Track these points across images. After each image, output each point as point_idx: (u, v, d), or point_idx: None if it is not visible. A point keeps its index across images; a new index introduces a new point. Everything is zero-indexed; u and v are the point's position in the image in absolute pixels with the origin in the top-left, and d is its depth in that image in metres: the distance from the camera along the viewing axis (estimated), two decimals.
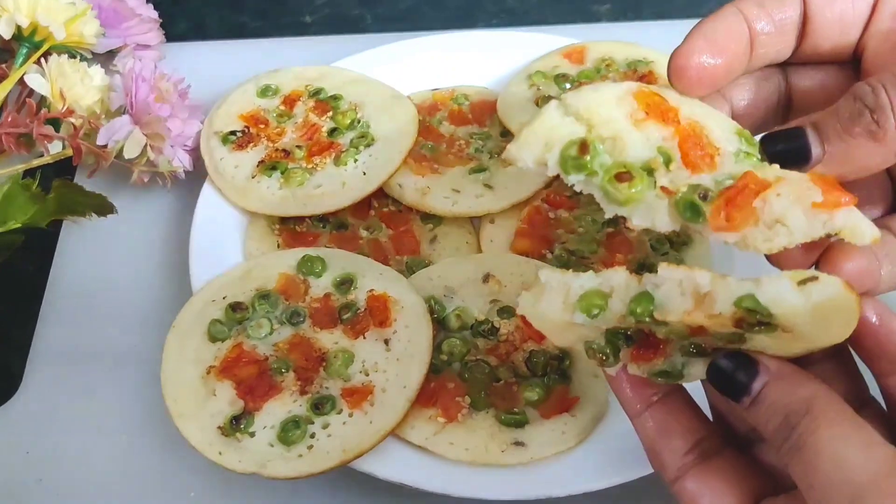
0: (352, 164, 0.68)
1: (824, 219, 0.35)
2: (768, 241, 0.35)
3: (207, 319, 0.59)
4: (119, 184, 0.72)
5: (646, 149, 0.38)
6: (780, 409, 0.34)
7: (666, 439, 0.39)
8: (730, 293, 0.33)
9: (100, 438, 0.60)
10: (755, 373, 0.35)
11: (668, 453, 0.39)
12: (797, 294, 0.32)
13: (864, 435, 0.32)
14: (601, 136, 0.38)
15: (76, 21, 0.71)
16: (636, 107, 0.38)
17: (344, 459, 0.52)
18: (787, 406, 0.34)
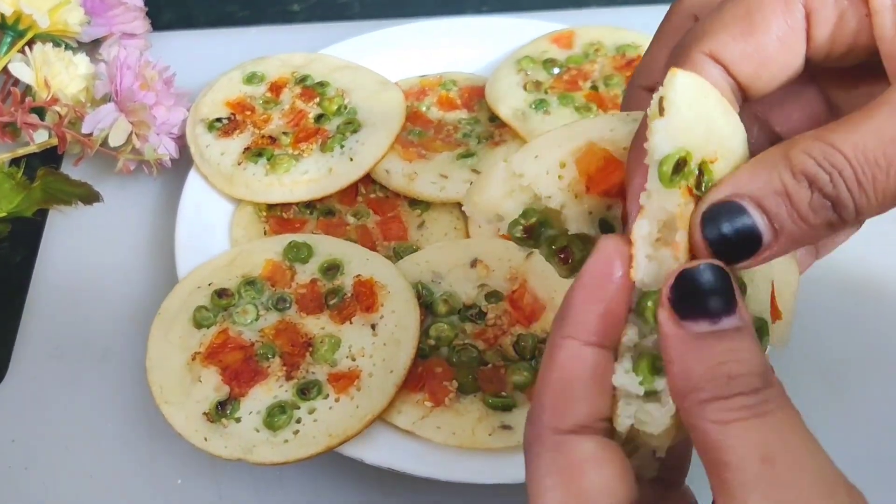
0: (338, 150, 0.67)
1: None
2: None
3: (193, 306, 0.58)
4: (105, 172, 0.72)
5: (586, 224, 0.36)
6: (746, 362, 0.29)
7: (597, 389, 0.32)
8: None
9: (86, 426, 0.59)
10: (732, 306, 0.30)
11: (585, 404, 0.32)
12: None
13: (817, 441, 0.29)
14: (548, 205, 0.36)
15: (60, 9, 0.71)
16: (577, 177, 0.35)
17: (330, 444, 0.52)
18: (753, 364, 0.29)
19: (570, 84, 0.72)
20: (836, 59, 0.35)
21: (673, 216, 0.31)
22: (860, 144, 0.30)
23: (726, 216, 0.31)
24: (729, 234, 0.30)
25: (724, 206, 0.31)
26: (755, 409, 0.28)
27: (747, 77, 0.33)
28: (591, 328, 0.32)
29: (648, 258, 0.31)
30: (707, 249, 0.31)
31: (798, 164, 0.30)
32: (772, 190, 0.30)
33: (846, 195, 0.30)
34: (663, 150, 0.30)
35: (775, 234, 0.31)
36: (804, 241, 0.31)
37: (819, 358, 0.61)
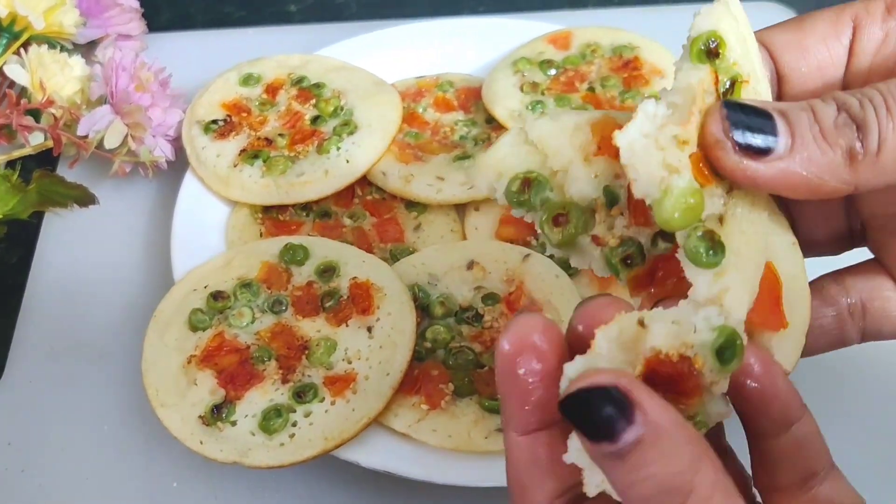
0: (335, 152, 0.67)
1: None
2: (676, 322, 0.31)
3: (188, 308, 0.58)
4: (100, 174, 0.72)
5: (592, 187, 0.34)
6: (652, 481, 0.27)
7: (542, 474, 0.31)
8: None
9: (82, 429, 0.59)
10: (629, 419, 0.27)
11: (537, 490, 0.32)
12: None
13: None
14: (553, 167, 0.35)
15: (55, 11, 0.71)
16: (590, 139, 0.35)
17: (326, 448, 0.52)
18: (663, 478, 0.27)
19: (566, 85, 0.72)
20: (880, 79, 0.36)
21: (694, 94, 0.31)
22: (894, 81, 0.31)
23: (749, 110, 0.31)
24: (746, 120, 0.31)
25: (749, 105, 0.31)
26: None
27: (787, 64, 0.36)
28: (519, 420, 0.31)
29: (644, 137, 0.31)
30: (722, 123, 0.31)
31: (831, 94, 0.31)
32: (799, 107, 0.31)
33: (873, 118, 0.30)
34: (700, 28, 0.32)
35: (792, 143, 0.31)
36: (816, 168, 0.31)
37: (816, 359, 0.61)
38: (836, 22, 0.36)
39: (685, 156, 0.31)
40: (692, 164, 0.31)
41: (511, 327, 0.31)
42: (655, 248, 0.34)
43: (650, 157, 0.31)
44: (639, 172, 0.31)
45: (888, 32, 0.35)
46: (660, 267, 0.34)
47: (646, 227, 0.34)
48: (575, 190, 0.34)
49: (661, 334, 0.29)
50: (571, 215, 0.34)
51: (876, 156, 0.30)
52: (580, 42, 0.76)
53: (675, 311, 0.30)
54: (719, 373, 0.29)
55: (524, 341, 0.31)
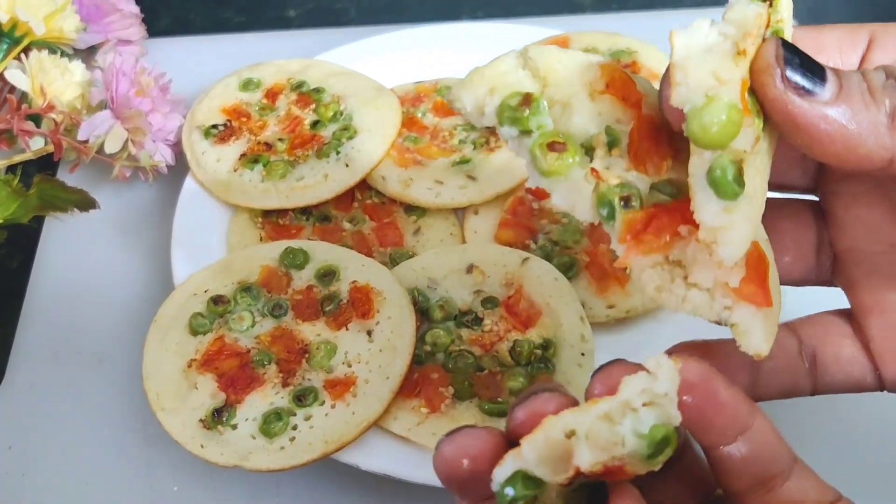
0: (334, 157, 0.68)
1: (723, 306, 0.31)
2: (658, 289, 0.32)
3: (189, 313, 0.58)
4: (101, 179, 0.72)
5: (594, 123, 0.33)
6: None
7: None
8: None
9: (83, 433, 0.59)
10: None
11: None
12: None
13: None
14: (552, 98, 0.33)
15: (56, 16, 0.71)
16: (598, 77, 0.34)
17: (326, 451, 0.52)
18: None
19: None
20: None
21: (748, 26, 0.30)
22: None
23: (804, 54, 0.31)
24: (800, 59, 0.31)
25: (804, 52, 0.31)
26: None
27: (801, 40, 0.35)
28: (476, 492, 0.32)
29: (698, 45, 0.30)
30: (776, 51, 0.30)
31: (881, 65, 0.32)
32: (849, 70, 0.31)
33: None
34: None
35: (839, 92, 0.30)
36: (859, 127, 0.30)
37: None
38: (853, 31, 0.36)
39: (737, 74, 0.30)
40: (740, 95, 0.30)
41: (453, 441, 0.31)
42: (655, 198, 0.32)
43: (703, 63, 0.30)
44: (688, 75, 0.30)
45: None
46: (655, 218, 0.32)
47: (645, 174, 0.33)
48: (576, 122, 0.33)
49: (585, 457, 0.28)
50: (570, 144, 0.33)
51: None
52: (578, 47, 0.76)
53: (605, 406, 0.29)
54: (654, 465, 0.29)
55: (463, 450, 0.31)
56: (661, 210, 0.32)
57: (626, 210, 0.32)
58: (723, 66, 0.30)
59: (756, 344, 0.31)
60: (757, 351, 0.31)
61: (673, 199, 0.32)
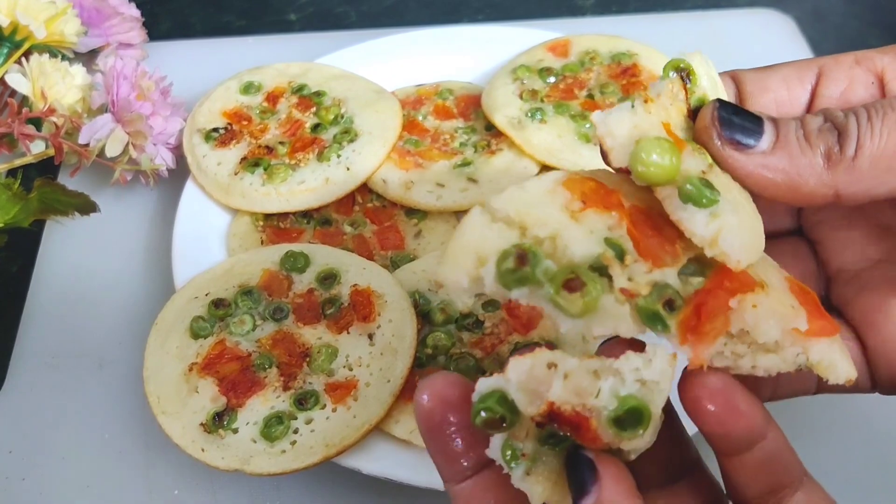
0: (335, 160, 0.68)
1: (798, 351, 0.31)
2: (730, 369, 0.31)
3: (190, 316, 0.58)
4: (101, 182, 0.72)
5: (591, 244, 0.31)
6: None
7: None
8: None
9: (83, 437, 0.59)
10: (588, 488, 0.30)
11: None
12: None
13: None
14: (538, 237, 0.31)
15: (57, 20, 0.71)
16: (570, 196, 0.32)
17: (327, 455, 0.52)
18: None
19: (565, 92, 0.73)
20: None
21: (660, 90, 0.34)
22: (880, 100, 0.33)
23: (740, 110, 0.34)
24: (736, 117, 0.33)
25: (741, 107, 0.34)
26: None
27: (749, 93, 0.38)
28: (451, 471, 0.34)
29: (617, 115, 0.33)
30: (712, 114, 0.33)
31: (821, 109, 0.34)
32: (790, 117, 0.34)
33: (853, 125, 0.32)
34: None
35: (776, 141, 0.33)
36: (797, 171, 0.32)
37: None
38: (801, 68, 0.38)
39: (653, 118, 0.32)
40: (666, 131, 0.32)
41: (425, 386, 0.34)
42: (689, 286, 0.32)
43: (622, 123, 0.32)
44: (614, 137, 0.32)
45: (853, 79, 0.37)
46: (702, 305, 0.31)
47: (668, 266, 0.32)
48: (577, 251, 0.31)
49: (559, 389, 0.30)
50: (586, 277, 0.31)
51: (853, 160, 0.32)
52: (579, 50, 0.76)
53: (596, 363, 0.30)
54: (620, 438, 0.30)
55: (440, 396, 0.33)
56: (703, 294, 0.31)
57: (674, 314, 0.31)
58: (639, 118, 0.33)
59: (845, 372, 0.32)
60: (848, 377, 0.32)
61: (705, 278, 0.32)
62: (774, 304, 0.31)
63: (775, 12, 0.87)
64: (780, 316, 0.31)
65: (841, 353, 0.32)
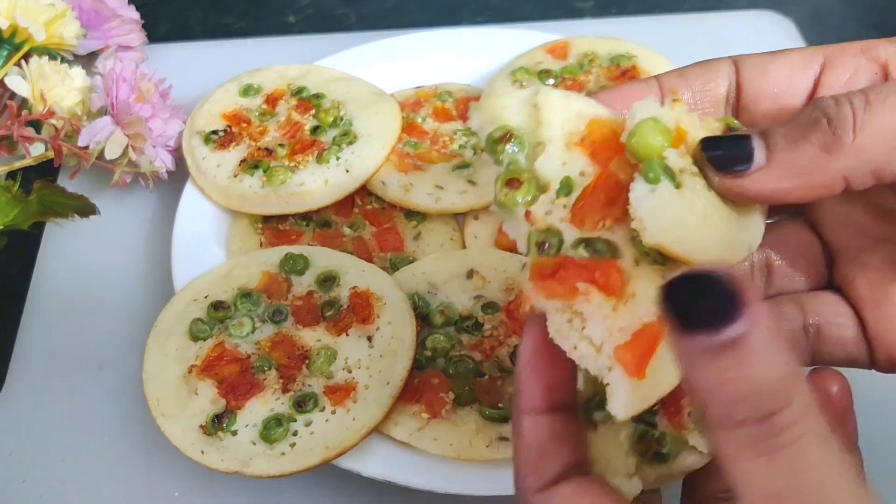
0: (334, 162, 0.68)
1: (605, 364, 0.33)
2: (557, 332, 0.34)
3: (189, 318, 0.58)
4: (101, 185, 0.72)
5: (555, 170, 0.36)
6: (751, 380, 0.25)
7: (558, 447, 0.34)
8: None
9: (83, 439, 0.59)
10: (738, 311, 0.25)
11: (552, 463, 0.34)
12: None
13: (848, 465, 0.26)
14: (538, 138, 0.36)
15: (56, 22, 0.71)
16: (583, 130, 0.36)
17: (327, 457, 0.52)
18: (764, 382, 0.25)
19: None
20: None
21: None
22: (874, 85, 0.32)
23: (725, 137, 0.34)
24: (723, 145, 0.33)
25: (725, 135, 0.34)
26: (763, 445, 0.25)
27: (748, 80, 0.38)
28: (539, 402, 0.35)
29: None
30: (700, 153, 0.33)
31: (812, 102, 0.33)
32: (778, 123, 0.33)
33: (848, 111, 0.32)
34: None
35: (768, 153, 0.33)
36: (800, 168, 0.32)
37: None
38: (805, 56, 0.38)
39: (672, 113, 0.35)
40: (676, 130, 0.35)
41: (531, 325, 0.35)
42: (574, 251, 0.34)
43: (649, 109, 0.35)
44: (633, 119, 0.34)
45: (857, 68, 0.37)
46: (565, 268, 0.34)
47: (579, 227, 0.35)
48: (541, 165, 0.36)
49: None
50: (524, 184, 0.35)
51: (853, 141, 0.31)
52: (578, 52, 0.76)
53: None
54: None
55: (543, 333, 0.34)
56: (573, 263, 0.34)
57: (538, 254, 0.34)
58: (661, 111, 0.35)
59: (616, 408, 0.32)
60: (615, 414, 0.32)
61: (593, 257, 0.34)
62: (606, 313, 0.33)
63: (775, 14, 0.87)
64: (605, 327, 0.33)
65: (627, 393, 0.32)
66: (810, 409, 0.26)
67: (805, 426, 0.25)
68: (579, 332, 0.33)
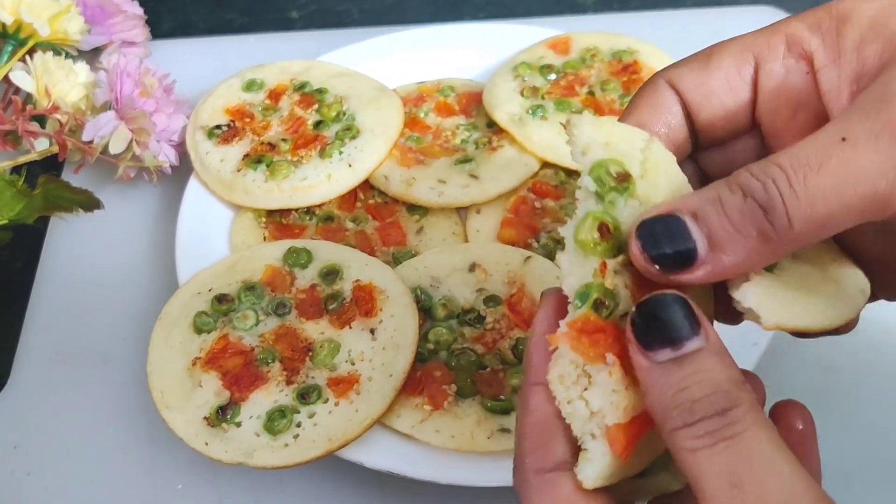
0: (337, 157, 0.68)
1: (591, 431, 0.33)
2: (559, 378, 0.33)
3: (193, 311, 0.59)
4: (105, 179, 0.72)
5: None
6: (708, 383, 0.30)
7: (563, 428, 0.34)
8: None
9: (87, 431, 0.60)
10: (695, 329, 0.31)
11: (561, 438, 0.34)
12: None
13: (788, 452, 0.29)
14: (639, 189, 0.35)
15: (60, 18, 0.71)
16: None
17: (330, 448, 0.53)
18: (716, 384, 0.30)
19: (566, 89, 0.73)
20: (785, 121, 0.38)
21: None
22: (795, 153, 0.31)
23: (661, 223, 0.32)
24: (662, 238, 0.32)
25: (660, 216, 0.32)
26: (720, 433, 0.29)
27: (695, 104, 0.38)
28: (537, 376, 0.34)
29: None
30: (641, 255, 0.32)
31: (735, 178, 0.32)
32: (708, 201, 0.32)
33: (777, 198, 0.31)
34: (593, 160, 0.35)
35: (709, 244, 0.32)
36: (740, 259, 0.32)
37: (810, 367, 0.62)
38: (738, 59, 0.37)
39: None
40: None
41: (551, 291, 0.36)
42: (623, 320, 0.33)
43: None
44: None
45: (788, 69, 0.37)
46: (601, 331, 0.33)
47: (635, 299, 0.33)
48: (625, 217, 0.34)
49: None
50: (613, 235, 0.34)
51: (788, 231, 0.31)
52: (580, 47, 0.76)
53: None
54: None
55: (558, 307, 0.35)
56: (613, 330, 0.33)
57: (590, 311, 0.33)
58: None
59: (585, 475, 0.32)
60: (582, 479, 0.32)
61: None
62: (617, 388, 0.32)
63: (776, 10, 0.87)
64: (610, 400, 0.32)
65: (602, 467, 0.32)
66: (755, 407, 0.30)
67: (753, 417, 0.29)
68: (581, 390, 0.33)
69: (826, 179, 0.30)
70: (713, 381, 0.30)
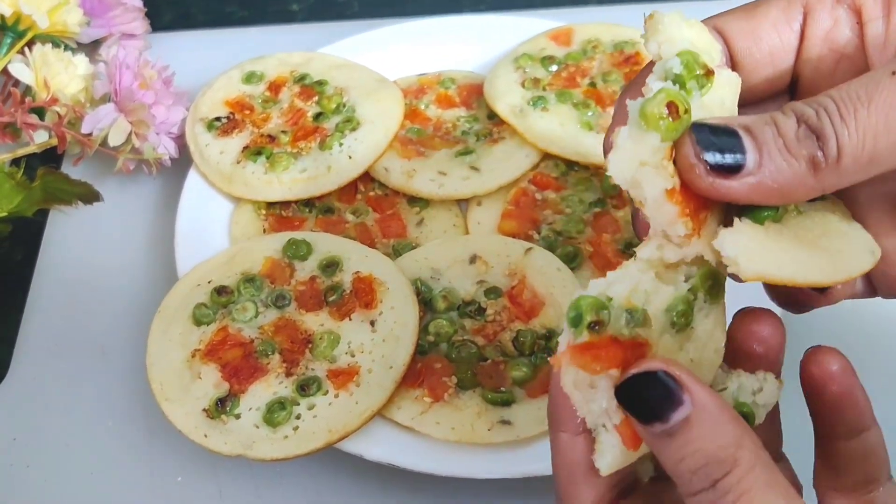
0: (337, 148, 0.68)
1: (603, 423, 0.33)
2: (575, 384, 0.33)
3: (192, 303, 0.58)
4: (105, 172, 0.72)
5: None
6: (700, 454, 0.30)
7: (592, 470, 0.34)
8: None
9: (87, 424, 0.60)
10: (678, 400, 0.30)
11: (587, 487, 0.35)
12: None
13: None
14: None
15: (59, 10, 0.71)
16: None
17: (329, 440, 0.52)
18: (710, 451, 0.30)
19: (568, 81, 0.72)
20: (826, 74, 0.38)
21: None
22: (846, 88, 0.32)
23: (717, 130, 0.32)
24: (715, 141, 0.32)
25: (716, 125, 0.33)
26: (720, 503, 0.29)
27: (742, 49, 0.38)
28: (576, 422, 0.34)
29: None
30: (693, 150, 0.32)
31: (790, 105, 0.32)
32: (762, 121, 0.32)
33: (829, 127, 0.31)
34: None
35: (759, 158, 0.32)
36: (784, 180, 0.32)
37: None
38: (787, 8, 0.37)
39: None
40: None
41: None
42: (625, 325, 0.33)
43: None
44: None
45: (837, 19, 0.37)
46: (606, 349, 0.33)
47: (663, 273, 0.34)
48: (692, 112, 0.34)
49: None
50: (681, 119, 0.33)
51: (837, 162, 0.31)
52: (581, 38, 0.76)
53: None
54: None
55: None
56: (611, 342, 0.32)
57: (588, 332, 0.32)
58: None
59: (601, 462, 0.33)
60: (598, 467, 0.33)
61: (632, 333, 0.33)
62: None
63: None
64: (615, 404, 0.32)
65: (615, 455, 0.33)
66: (755, 464, 0.29)
67: (750, 481, 0.29)
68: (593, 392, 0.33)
69: (875, 113, 0.31)
70: (705, 451, 0.30)
